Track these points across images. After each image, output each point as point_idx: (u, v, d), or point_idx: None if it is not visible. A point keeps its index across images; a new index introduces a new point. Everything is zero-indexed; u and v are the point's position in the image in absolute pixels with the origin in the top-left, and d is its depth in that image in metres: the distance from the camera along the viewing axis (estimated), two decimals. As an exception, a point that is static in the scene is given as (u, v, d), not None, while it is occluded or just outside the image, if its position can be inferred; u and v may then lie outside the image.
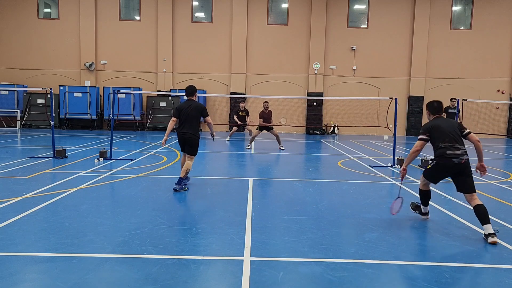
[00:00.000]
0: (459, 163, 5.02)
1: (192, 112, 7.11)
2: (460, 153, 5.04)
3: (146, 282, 3.53)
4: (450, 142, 5.08)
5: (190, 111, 7.11)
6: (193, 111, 7.11)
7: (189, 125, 7.11)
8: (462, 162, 5.02)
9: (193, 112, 7.11)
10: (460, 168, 5.05)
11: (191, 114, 7.11)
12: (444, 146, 5.09)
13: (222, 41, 22.25)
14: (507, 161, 13.18)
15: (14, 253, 4.12)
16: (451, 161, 5.03)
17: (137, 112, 20.82)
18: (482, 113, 21.02)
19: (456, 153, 5.04)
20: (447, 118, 5.69)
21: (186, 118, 7.12)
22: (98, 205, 6.10)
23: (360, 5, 22.69)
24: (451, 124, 5.28)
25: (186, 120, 7.12)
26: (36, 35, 22.12)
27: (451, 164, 5.04)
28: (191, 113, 7.11)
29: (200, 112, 7.20)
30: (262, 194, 7.14)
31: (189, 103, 7.22)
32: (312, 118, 22.50)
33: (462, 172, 5.07)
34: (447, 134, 5.11)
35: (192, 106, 7.16)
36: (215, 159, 12.36)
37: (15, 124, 20.75)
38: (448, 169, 5.13)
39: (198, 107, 7.20)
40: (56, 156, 10.28)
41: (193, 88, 7.36)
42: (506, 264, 4.17)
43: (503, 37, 22.26)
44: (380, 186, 8.14)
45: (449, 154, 5.04)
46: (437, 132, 5.18)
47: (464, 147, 5.13)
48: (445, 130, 5.16)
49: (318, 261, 4.10)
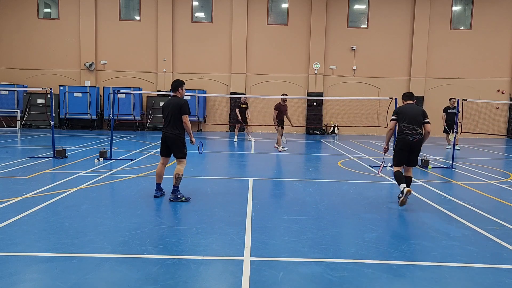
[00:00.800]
0: (412, 140, 6.35)
1: (172, 109, 6.33)
2: (415, 133, 6.37)
3: (146, 282, 3.53)
4: (409, 124, 6.41)
5: (171, 108, 6.34)
6: (173, 109, 6.33)
7: (172, 124, 6.34)
8: (415, 140, 6.35)
9: (173, 109, 6.33)
10: (413, 146, 6.38)
11: (171, 111, 6.34)
12: (404, 126, 6.44)
13: (222, 41, 22.25)
14: (507, 161, 13.18)
15: (14, 253, 4.13)
16: (408, 138, 6.37)
17: (137, 112, 20.82)
18: (482, 113, 21.00)
19: (412, 133, 6.38)
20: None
21: (167, 116, 6.40)
22: (98, 205, 6.09)
23: (360, 5, 22.69)
24: (415, 111, 6.55)
25: (168, 118, 6.38)
26: (36, 35, 22.11)
27: (407, 140, 6.38)
28: (171, 110, 6.34)
29: (179, 109, 6.32)
30: (262, 194, 7.14)
31: (170, 100, 6.47)
32: (312, 118, 22.50)
33: (413, 150, 6.44)
34: (409, 117, 6.45)
35: (172, 102, 6.38)
36: (215, 159, 12.36)
37: (15, 124, 20.75)
38: (405, 146, 6.42)
39: (177, 103, 6.36)
40: (56, 156, 10.28)
41: (176, 83, 6.53)
42: (506, 264, 4.17)
43: (503, 37, 22.25)
44: (380, 186, 8.14)
45: (406, 132, 6.40)
46: (402, 114, 6.56)
47: (420, 130, 6.43)
48: (408, 113, 6.50)
49: (318, 261, 4.10)
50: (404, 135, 6.40)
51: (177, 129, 6.35)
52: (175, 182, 6.38)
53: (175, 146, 6.40)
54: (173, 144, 6.39)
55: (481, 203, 6.75)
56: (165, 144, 6.48)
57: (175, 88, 6.50)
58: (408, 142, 6.36)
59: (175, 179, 6.37)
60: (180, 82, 6.56)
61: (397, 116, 6.60)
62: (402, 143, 6.44)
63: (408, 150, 6.42)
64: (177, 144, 6.38)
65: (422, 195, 7.25)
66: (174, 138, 6.35)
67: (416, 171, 9.87)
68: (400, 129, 6.51)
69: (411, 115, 6.44)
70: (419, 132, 6.38)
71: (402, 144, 6.45)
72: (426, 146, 17.70)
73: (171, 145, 6.41)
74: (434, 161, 11.59)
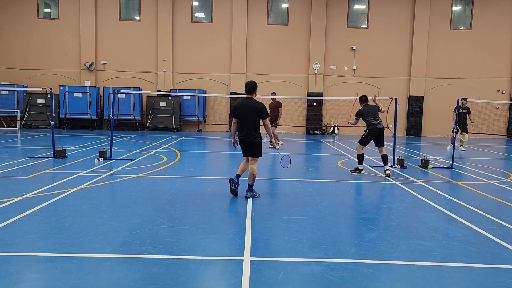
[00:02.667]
0: (379, 128, 8.97)
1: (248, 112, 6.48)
2: (379, 123, 9.00)
3: (146, 282, 3.53)
4: (373, 117, 9.03)
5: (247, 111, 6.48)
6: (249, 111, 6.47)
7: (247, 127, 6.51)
8: (381, 127, 8.99)
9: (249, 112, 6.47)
10: (379, 132, 9.01)
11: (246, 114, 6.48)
12: (371, 119, 9.02)
13: (222, 41, 22.25)
14: (507, 161, 13.18)
15: (14, 253, 4.12)
16: (376, 127, 8.95)
17: (137, 112, 20.82)
18: (482, 113, 20.99)
19: (377, 122, 9.00)
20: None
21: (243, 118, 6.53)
22: (98, 205, 6.09)
23: (360, 5, 22.69)
24: (373, 108, 9.21)
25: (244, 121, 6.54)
26: (36, 35, 22.11)
27: (376, 129, 8.95)
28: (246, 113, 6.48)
29: (259, 112, 6.48)
30: (262, 194, 7.13)
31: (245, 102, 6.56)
32: (312, 118, 22.50)
33: (379, 135, 9.05)
34: (371, 114, 9.07)
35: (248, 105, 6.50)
36: (215, 159, 12.36)
37: (15, 124, 20.75)
38: (374, 133, 8.97)
39: (254, 106, 6.49)
40: (56, 156, 10.28)
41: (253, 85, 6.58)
42: (506, 264, 4.17)
43: (503, 37, 22.25)
44: (380, 186, 8.14)
45: (374, 123, 8.97)
46: (365, 114, 9.13)
47: (380, 120, 9.08)
48: (369, 111, 9.11)
49: (318, 261, 4.10)
50: (373, 125, 8.96)
51: (256, 132, 6.58)
52: (251, 181, 6.69)
53: (253, 147, 6.62)
54: (252, 146, 6.62)
55: (481, 203, 6.75)
56: (245, 146, 6.70)
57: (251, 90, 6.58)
58: (376, 129, 8.94)
59: (250, 178, 6.67)
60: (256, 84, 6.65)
61: (361, 117, 9.16)
62: (373, 131, 8.97)
63: (376, 135, 9.01)
64: (256, 146, 6.63)
65: (422, 195, 7.25)
66: (253, 141, 6.58)
67: (416, 171, 9.90)
68: (369, 123, 9.02)
69: (372, 112, 9.11)
70: (381, 122, 9.05)
71: (373, 132, 8.97)
72: (427, 146, 17.70)
73: (249, 147, 6.64)
74: (434, 161, 11.59)
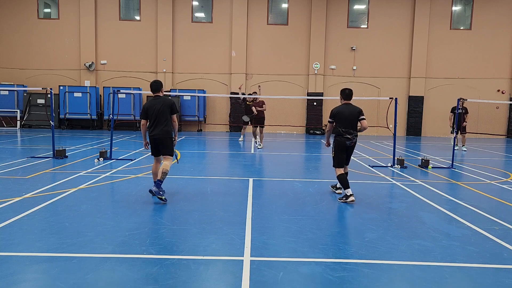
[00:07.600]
0: (350, 145, 6.80)
1: (161, 108, 6.39)
2: (351, 138, 6.76)
3: (146, 282, 3.53)
4: (346, 128, 6.73)
5: (159, 108, 6.38)
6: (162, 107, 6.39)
7: (159, 124, 6.38)
8: (352, 144, 6.83)
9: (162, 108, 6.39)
10: (349, 148, 6.88)
11: (159, 111, 6.37)
12: (342, 130, 6.75)
13: (222, 41, 22.24)
14: (507, 161, 13.18)
15: (14, 253, 4.13)
16: (345, 143, 6.77)
17: (137, 112, 20.82)
18: (482, 113, 20.99)
19: (348, 137, 6.74)
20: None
21: (155, 117, 6.41)
22: (98, 205, 6.09)
23: (360, 5, 22.68)
24: (352, 112, 6.76)
25: (156, 119, 6.40)
26: (36, 35, 22.10)
27: (344, 145, 6.78)
28: (159, 110, 6.38)
29: (170, 107, 6.45)
30: (262, 194, 7.13)
31: (154, 101, 6.49)
32: (312, 118, 22.50)
33: (350, 151, 6.97)
34: (346, 121, 6.71)
35: (157, 103, 6.43)
36: (215, 159, 12.36)
37: (15, 124, 20.75)
38: (343, 148, 6.82)
39: (165, 102, 6.45)
40: (56, 156, 10.28)
41: (158, 83, 6.61)
42: (506, 264, 4.17)
43: (503, 37, 22.24)
44: (380, 186, 8.14)
45: (345, 136, 6.73)
46: (339, 117, 6.78)
47: (356, 133, 6.78)
48: (346, 117, 6.74)
49: (318, 261, 4.10)
50: (343, 138, 6.77)
51: (168, 129, 6.44)
52: (160, 176, 6.31)
53: (166, 145, 6.46)
54: (165, 144, 6.45)
55: (481, 203, 6.75)
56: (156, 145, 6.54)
57: (157, 88, 6.56)
58: (345, 146, 6.80)
59: (160, 173, 6.32)
60: (161, 83, 6.70)
61: (335, 119, 6.85)
62: (341, 146, 6.82)
63: (345, 152, 6.89)
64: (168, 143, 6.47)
65: (422, 195, 7.25)
66: (165, 138, 6.44)
67: (416, 171, 9.90)
68: (337, 132, 6.81)
69: (349, 118, 6.72)
70: (355, 135, 6.79)
71: (341, 146, 6.82)
72: (427, 146, 17.71)
73: (162, 145, 6.47)
74: (434, 161, 11.59)
